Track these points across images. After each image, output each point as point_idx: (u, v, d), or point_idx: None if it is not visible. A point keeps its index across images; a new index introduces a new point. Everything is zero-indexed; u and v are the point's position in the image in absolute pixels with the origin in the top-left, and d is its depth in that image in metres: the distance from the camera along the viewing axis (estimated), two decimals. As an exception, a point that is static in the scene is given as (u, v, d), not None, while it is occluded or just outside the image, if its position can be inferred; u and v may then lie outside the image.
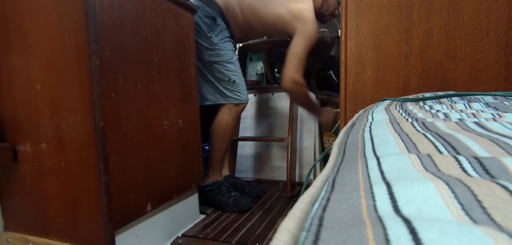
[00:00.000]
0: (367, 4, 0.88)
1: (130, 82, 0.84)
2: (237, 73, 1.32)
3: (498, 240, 0.09)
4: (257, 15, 1.35)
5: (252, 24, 1.38)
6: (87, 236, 0.79)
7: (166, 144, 1.00)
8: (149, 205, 0.91)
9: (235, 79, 1.31)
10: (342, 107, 0.95)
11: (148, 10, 0.92)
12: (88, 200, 0.77)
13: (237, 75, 1.32)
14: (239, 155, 1.78)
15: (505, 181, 0.14)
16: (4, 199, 0.90)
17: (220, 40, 1.30)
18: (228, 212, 1.27)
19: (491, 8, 0.76)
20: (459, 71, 0.81)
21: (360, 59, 0.91)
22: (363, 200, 0.15)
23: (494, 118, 0.33)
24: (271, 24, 1.37)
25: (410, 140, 0.26)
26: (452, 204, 0.13)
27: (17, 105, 0.82)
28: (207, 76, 1.33)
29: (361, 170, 0.20)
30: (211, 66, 1.31)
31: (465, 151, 0.21)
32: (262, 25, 1.38)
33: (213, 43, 1.28)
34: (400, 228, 0.11)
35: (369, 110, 0.55)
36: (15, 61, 0.81)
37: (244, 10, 1.35)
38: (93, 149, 0.75)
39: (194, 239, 1.06)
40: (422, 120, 0.35)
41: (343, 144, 0.32)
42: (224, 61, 1.29)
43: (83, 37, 0.72)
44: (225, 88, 1.31)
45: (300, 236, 0.12)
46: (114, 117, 0.79)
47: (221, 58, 1.28)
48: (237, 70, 1.33)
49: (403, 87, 0.87)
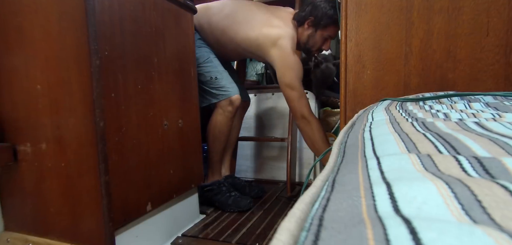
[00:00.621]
0: (367, 4, 0.88)
1: (130, 82, 0.84)
2: (217, 70, 1.29)
3: (498, 239, 0.09)
4: (230, 37, 1.29)
5: (224, 44, 1.32)
6: (87, 236, 0.79)
7: (166, 144, 1.00)
8: (149, 205, 0.91)
9: (217, 75, 1.28)
10: (342, 107, 0.95)
11: (148, 10, 0.92)
12: (88, 200, 0.77)
13: (218, 72, 1.29)
14: (239, 155, 1.78)
15: (505, 181, 0.14)
16: (4, 199, 0.90)
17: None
18: (228, 212, 1.27)
19: (491, 8, 0.76)
20: (459, 71, 0.81)
21: (360, 59, 0.91)
22: (363, 200, 0.15)
23: (494, 118, 0.33)
24: (243, 47, 1.29)
25: (410, 140, 0.26)
26: (452, 204, 0.13)
27: (17, 105, 0.82)
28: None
29: (361, 170, 0.20)
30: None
31: (465, 151, 0.21)
32: (235, 47, 1.31)
33: None
34: (400, 228, 0.11)
35: (369, 110, 0.55)
36: (15, 61, 0.81)
37: (213, 31, 1.30)
38: (93, 149, 0.75)
39: (194, 239, 1.06)
40: (422, 120, 0.35)
41: (343, 144, 0.32)
42: (201, 63, 1.26)
43: (83, 37, 0.72)
44: (212, 88, 1.28)
45: (300, 236, 0.12)
46: (114, 117, 0.79)
47: (198, 61, 1.25)
48: (216, 68, 1.29)
49: (403, 87, 0.87)
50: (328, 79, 1.65)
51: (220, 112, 1.29)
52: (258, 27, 1.25)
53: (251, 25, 1.27)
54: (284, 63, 1.21)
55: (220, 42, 1.32)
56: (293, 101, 1.23)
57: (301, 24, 1.28)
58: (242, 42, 1.28)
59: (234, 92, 1.28)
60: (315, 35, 1.28)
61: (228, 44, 1.31)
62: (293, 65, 1.21)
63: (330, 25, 1.26)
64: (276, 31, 1.22)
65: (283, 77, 1.22)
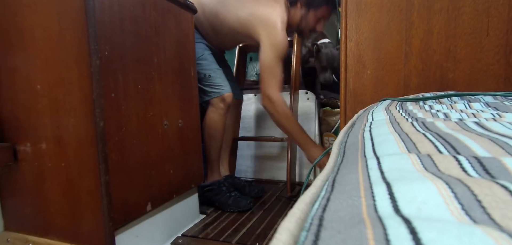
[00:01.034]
0: (367, 4, 0.88)
1: (130, 82, 0.84)
2: (211, 68, 1.29)
3: (498, 239, 0.09)
4: (222, 21, 1.29)
5: (218, 29, 1.32)
6: (87, 236, 0.79)
7: (166, 143, 1.00)
8: (149, 205, 0.91)
9: (211, 73, 1.28)
10: (342, 107, 0.95)
11: (148, 10, 0.92)
12: (88, 200, 0.77)
13: (212, 69, 1.29)
14: (239, 155, 1.78)
15: (505, 180, 0.14)
16: (4, 199, 0.90)
17: None
18: (228, 212, 1.27)
19: (491, 8, 0.76)
20: (459, 71, 0.81)
21: (360, 59, 0.91)
22: (363, 200, 0.15)
23: (494, 118, 0.33)
24: (235, 30, 1.28)
25: (410, 140, 0.26)
26: (452, 204, 0.13)
27: (17, 105, 0.82)
28: None
29: (361, 170, 0.20)
30: None
31: (465, 151, 0.21)
32: (228, 31, 1.31)
33: None
34: (400, 228, 0.11)
35: (369, 110, 0.55)
36: (15, 61, 0.81)
37: (207, 16, 1.31)
38: (93, 148, 0.75)
39: (194, 239, 1.06)
40: (422, 120, 0.35)
41: (343, 143, 0.32)
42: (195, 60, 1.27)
43: (83, 37, 0.72)
44: (205, 85, 1.28)
45: (300, 236, 0.12)
46: (114, 117, 0.79)
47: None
48: (210, 65, 1.29)
49: (403, 87, 0.87)
50: (334, 61, 1.64)
51: (212, 110, 1.30)
52: (249, 6, 1.24)
53: (242, 5, 1.26)
54: (269, 40, 1.20)
55: (215, 28, 1.32)
56: (263, 82, 1.22)
57: (294, 5, 1.27)
58: (233, 23, 1.27)
59: (227, 90, 1.29)
60: (307, 15, 1.27)
61: (222, 29, 1.31)
62: (277, 43, 1.20)
63: (323, 5, 1.26)
64: (267, 10, 1.22)
65: (262, 55, 1.21)
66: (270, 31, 1.20)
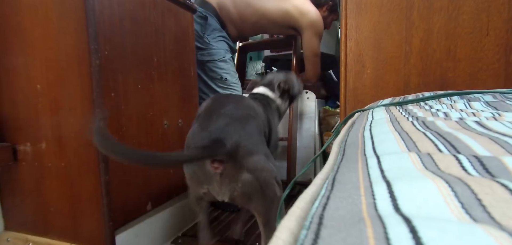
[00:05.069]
0: (367, 3, 0.88)
1: (130, 82, 0.84)
2: (229, 72, 1.33)
3: (498, 238, 0.09)
4: (256, 9, 1.38)
5: (247, 18, 1.39)
6: (87, 236, 0.79)
7: (166, 143, 0.99)
8: (149, 205, 0.91)
9: (227, 77, 1.31)
10: (342, 107, 0.95)
11: (148, 9, 0.92)
12: (88, 200, 0.77)
13: (230, 73, 1.33)
14: (239, 154, 1.77)
15: (505, 179, 0.14)
16: (4, 199, 0.90)
17: (213, 39, 1.31)
18: (228, 212, 1.27)
19: (491, 7, 0.76)
20: (459, 71, 0.81)
21: (360, 59, 0.91)
22: (363, 199, 0.15)
23: (494, 117, 0.33)
24: (272, 19, 1.40)
25: (410, 139, 0.26)
26: (452, 203, 0.13)
27: (17, 105, 0.82)
28: (201, 76, 1.33)
29: (361, 169, 0.20)
30: (204, 66, 1.31)
31: (465, 150, 0.21)
32: (258, 19, 1.40)
33: (206, 42, 1.29)
34: (400, 227, 0.11)
35: (369, 109, 0.55)
36: (15, 61, 0.81)
37: (238, 5, 1.37)
38: (93, 148, 0.75)
39: (194, 239, 1.06)
40: (422, 119, 0.35)
41: (343, 142, 0.32)
42: (216, 60, 1.29)
43: (83, 37, 0.72)
44: (219, 87, 1.31)
45: (300, 234, 0.12)
46: (114, 117, 0.79)
47: (213, 57, 1.29)
48: (229, 69, 1.33)
49: (403, 87, 0.87)
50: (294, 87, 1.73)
51: None
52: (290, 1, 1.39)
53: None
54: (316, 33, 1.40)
55: (244, 15, 1.40)
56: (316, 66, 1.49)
57: (319, 7, 1.46)
58: (270, 13, 1.39)
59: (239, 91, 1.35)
60: (328, 18, 1.51)
61: (250, 17, 1.41)
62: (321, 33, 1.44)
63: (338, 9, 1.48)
64: (311, 8, 1.40)
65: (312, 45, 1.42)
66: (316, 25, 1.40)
